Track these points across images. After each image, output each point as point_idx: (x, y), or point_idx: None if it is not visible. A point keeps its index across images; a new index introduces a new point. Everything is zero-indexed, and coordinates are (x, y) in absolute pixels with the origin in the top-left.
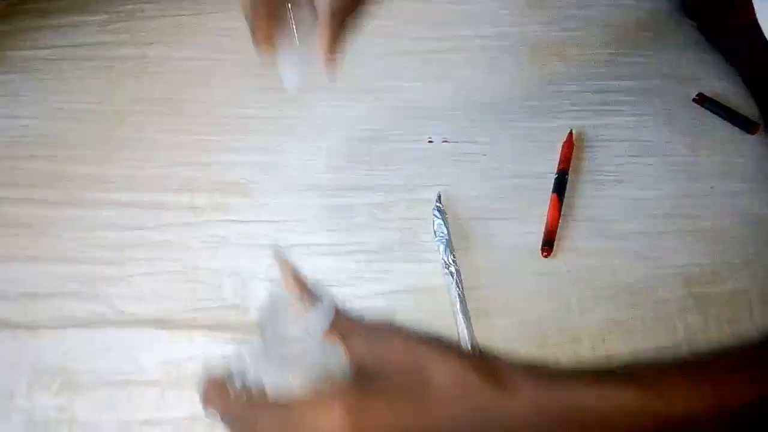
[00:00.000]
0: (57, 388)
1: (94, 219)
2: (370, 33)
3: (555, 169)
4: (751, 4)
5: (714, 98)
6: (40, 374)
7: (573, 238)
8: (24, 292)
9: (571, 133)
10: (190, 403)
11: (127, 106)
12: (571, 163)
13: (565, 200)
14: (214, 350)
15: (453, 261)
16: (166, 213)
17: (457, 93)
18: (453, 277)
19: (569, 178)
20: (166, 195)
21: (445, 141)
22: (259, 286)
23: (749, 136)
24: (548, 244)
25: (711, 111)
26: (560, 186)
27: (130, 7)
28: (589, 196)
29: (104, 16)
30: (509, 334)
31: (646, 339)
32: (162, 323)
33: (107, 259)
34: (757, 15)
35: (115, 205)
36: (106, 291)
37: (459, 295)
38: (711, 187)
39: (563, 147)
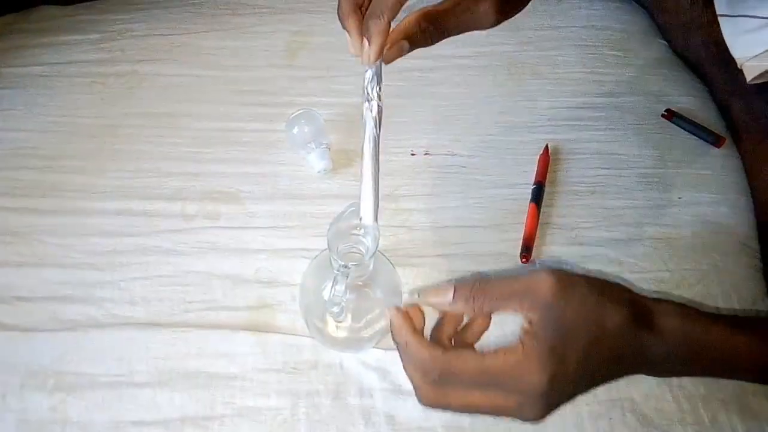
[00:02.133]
0: (50, 388)
1: (87, 226)
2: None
3: (532, 180)
4: (718, 24)
5: (682, 113)
6: (33, 375)
7: (550, 245)
8: (18, 296)
9: (547, 147)
10: (181, 404)
11: (119, 120)
12: (548, 175)
13: (543, 209)
14: (205, 350)
15: (378, 95)
16: (157, 220)
17: (437, 109)
18: (372, 113)
19: (546, 189)
20: (157, 203)
21: (427, 154)
22: (248, 287)
23: (716, 149)
24: (527, 251)
25: (679, 126)
26: (537, 196)
27: (121, 26)
28: (565, 206)
29: (97, 35)
30: (489, 338)
31: None
32: (153, 326)
33: (99, 265)
34: (723, 33)
35: (107, 213)
36: (98, 295)
37: (374, 137)
38: (679, 198)
39: (540, 160)
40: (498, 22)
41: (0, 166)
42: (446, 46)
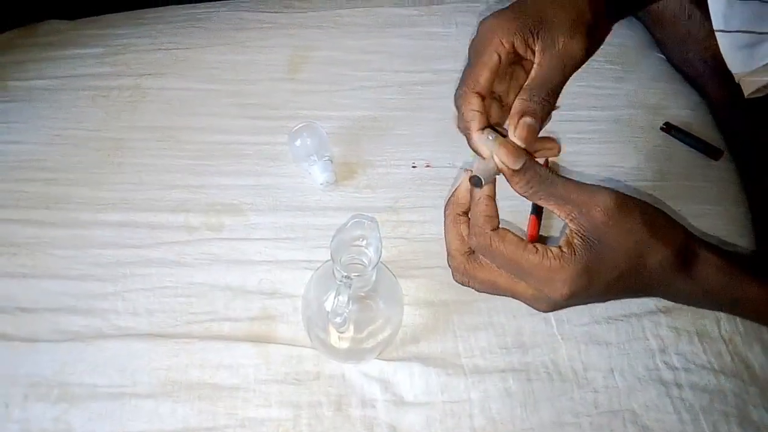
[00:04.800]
0: (53, 399)
1: (90, 238)
2: (357, 67)
3: None
4: (715, 38)
5: (680, 126)
6: (36, 386)
7: None
8: (22, 307)
9: (546, 161)
10: (184, 415)
11: (123, 133)
12: None
13: (543, 222)
14: (208, 361)
15: None
16: (160, 232)
17: (438, 122)
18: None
19: None
20: (160, 215)
21: (428, 166)
22: (250, 298)
23: (713, 162)
24: None
25: (678, 139)
26: (538, 209)
27: (125, 41)
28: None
29: (101, 49)
30: (491, 346)
31: (620, 350)
32: (156, 337)
33: (102, 276)
34: (721, 48)
35: (111, 225)
36: (101, 306)
37: None
38: (678, 210)
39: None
40: (585, 46)
41: (4, 178)
42: (446, 61)
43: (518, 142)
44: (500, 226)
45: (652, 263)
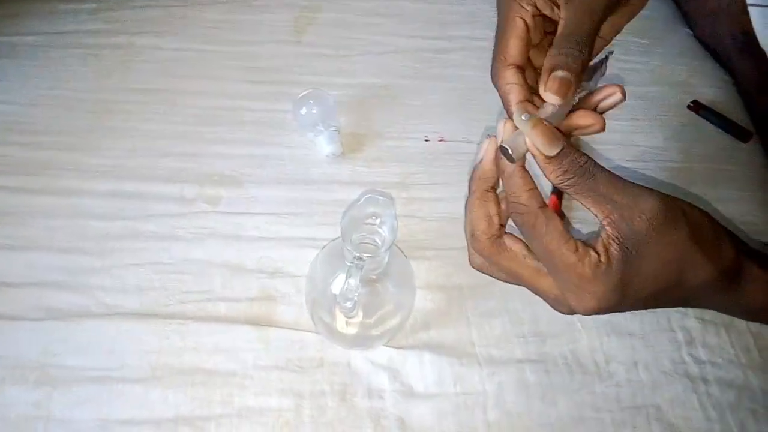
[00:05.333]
0: (33, 382)
1: (77, 208)
2: (367, 30)
3: None
4: (747, 13)
5: (708, 106)
6: (15, 368)
7: None
8: (2, 282)
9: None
10: (175, 402)
11: (114, 95)
12: None
13: (564, 202)
14: (203, 345)
15: None
16: (153, 203)
17: (452, 92)
18: None
19: None
20: (153, 185)
21: (441, 140)
22: (249, 277)
23: (742, 144)
24: None
25: (705, 118)
26: (558, 188)
27: None
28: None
29: (93, 5)
30: (506, 334)
31: (644, 342)
32: (147, 317)
33: (90, 249)
34: (754, 23)
35: (100, 195)
36: (88, 282)
37: None
38: (704, 194)
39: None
40: None
41: None
42: (462, 27)
43: (551, 98)
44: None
45: (693, 281)
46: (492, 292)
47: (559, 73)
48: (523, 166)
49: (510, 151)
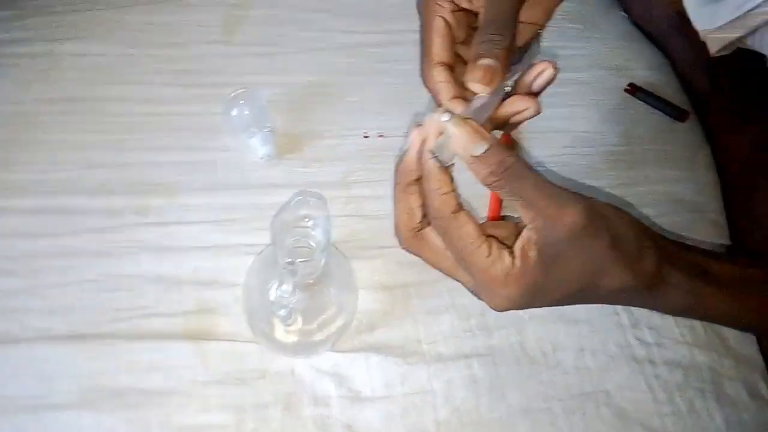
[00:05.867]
0: None
1: None
2: (300, 27)
3: None
4: None
5: (645, 88)
6: None
7: None
8: None
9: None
10: (111, 426)
11: (35, 106)
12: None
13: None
14: (137, 364)
15: None
16: (79, 218)
17: (391, 87)
18: None
19: None
20: (78, 199)
21: (381, 136)
22: (184, 290)
23: (680, 124)
24: None
25: (642, 100)
26: None
27: (37, 2)
28: None
29: (8, 12)
30: (454, 330)
31: (590, 328)
32: (77, 338)
33: (13, 270)
34: (686, 5)
35: (21, 212)
36: (12, 305)
37: None
38: (645, 175)
39: (501, 139)
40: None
41: None
42: (397, 20)
43: (477, 88)
44: (461, 204)
45: (609, 287)
46: (439, 290)
47: (483, 60)
48: (443, 168)
49: (439, 157)
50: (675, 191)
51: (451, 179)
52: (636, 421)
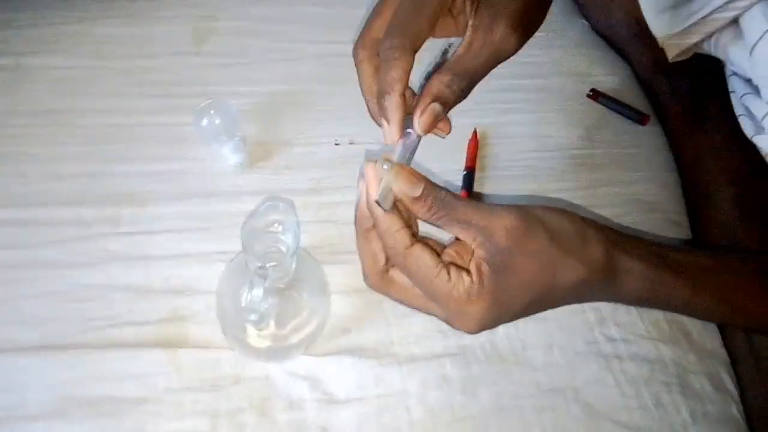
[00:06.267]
0: None
1: None
2: (269, 38)
3: (463, 166)
4: (637, 2)
5: (606, 93)
6: None
7: None
8: None
9: (475, 132)
10: None
11: (3, 119)
12: (478, 161)
13: (474, 195)
14: (109, 373)
15: None
16: (48, 229)
17: (360, 95)
18: None
19: (476, 174)
20: (47, 210)
21: (352, 143)
22: (157, 298)
23: (641, 127)
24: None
25: (604, 105)
26: (469, 183)
27: (3, 16)
28: (497, 191)
29: None
30: (426, 331)
31: (558, 325)
32: (48, 349)
33: None
34: (643, 12)
35: None
36: None
37: None
38: (608, 177)
39: (469, 145)
40: (519, 44)
41: None
42: None
43: (419, 129)
44: (416, 236)
45: (566, 282)
46: None
47: (438, 108)
48: (389, 212)
49: (381, 203)
50: (637, 192)
51: (400, 217)
52: (604, 416)
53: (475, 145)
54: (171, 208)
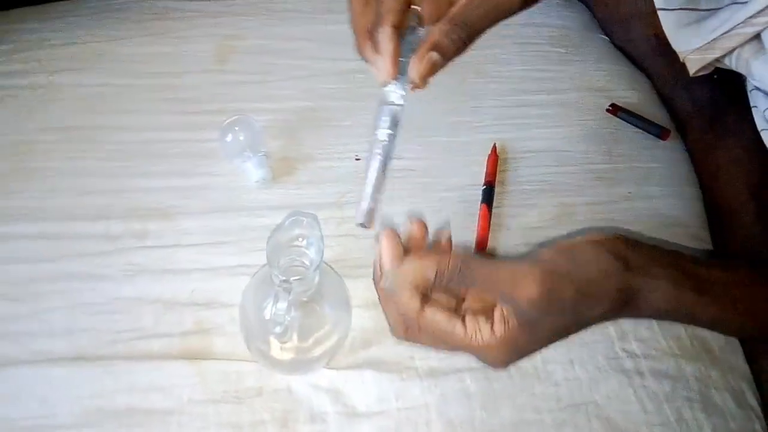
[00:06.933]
0: None
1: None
2: (290, 55)
3: (482, 181)
4: (658, 17)
5: (626, 107)
6: None
7: (503, 246)
8: None
9: (494, 147)
10: None
11: (34, 135)
12: (497, 175)
13: (494, 210)
14: (137, 384)
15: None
16: (78, 243)
17: None
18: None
19: (496, 189)
20: (77, 224)
21: None
22: (182, 311)
23: (662, 142)
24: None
25: (624, 120)
26: (488, 197)
27: (37, 36)
28: (516, 206)
29: (10, 46)
30: None
31: (579, 340)
32: (77, 360)
33: (15, 295)
34: (664, 27)
35: (22, 238)
36: (13, 329)
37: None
38: (629, 192)
39: (488, 160)
40: (525, 2)
41: None
42: None
43: (415, 75)
44: (427, 297)
45: (588, 317)
46: None
47: (436, 56)
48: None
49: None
50: (658, 207)
51: (411, 290)
52: None
53: (494, 159)
54: (196, 223)
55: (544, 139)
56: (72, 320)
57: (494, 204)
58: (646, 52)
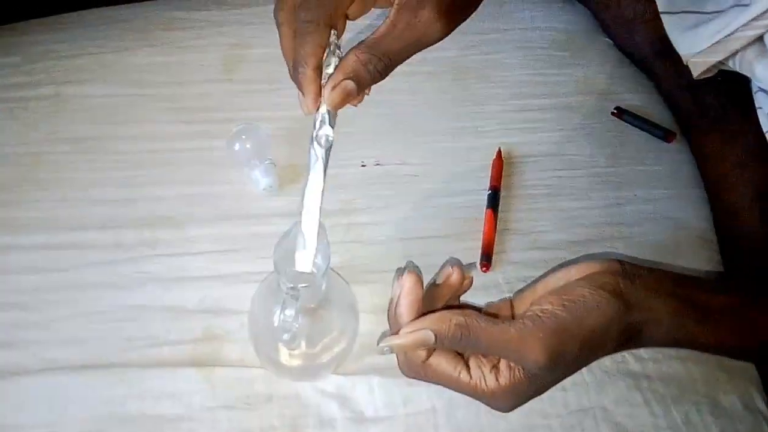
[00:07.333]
0: None
1: (9, 263)
2: None
3: (487, 186)
4: (661, 20)
5: (631, 110)
6: None
7: (509, 251)
8: None
9: (500, 151)
10: None
11: (42, 146)
12: (502, 180)
13: (499, 215)
14: (148, 391)
15: (327, 141)
16: (88, 252)
17: (384, 117)
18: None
19: (501, 194)
20: (87, 234)
21: (378, 164)
22: (192, 318)
23: (666, 144)
24: (487, 259)
25: (629, 123)
26: (494, 202)
27: (44, 47)
28: (521, 210)
29: (17, 58)
30: None
31: None
32: (88, 368)
33: (25, 304)
34: (667, 30)
35: (33, 248)
36: (25, 337)
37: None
38: (634, 195)
39: (493, 165)
40: (445, 31)
41: None
42: None
43: (327, 103)
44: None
45: (592, 360)
46: None
47: (351, 86)
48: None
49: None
50: (664, 210)
51: (415, 339)
52: None
53: (499, 164)
54: (205, 231)
55: (549, 142)
56: (83, 328)
57: (500, 208)
58: (649, 54)
